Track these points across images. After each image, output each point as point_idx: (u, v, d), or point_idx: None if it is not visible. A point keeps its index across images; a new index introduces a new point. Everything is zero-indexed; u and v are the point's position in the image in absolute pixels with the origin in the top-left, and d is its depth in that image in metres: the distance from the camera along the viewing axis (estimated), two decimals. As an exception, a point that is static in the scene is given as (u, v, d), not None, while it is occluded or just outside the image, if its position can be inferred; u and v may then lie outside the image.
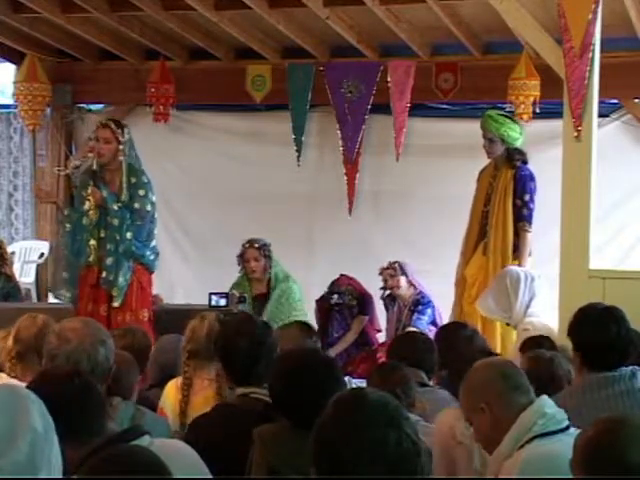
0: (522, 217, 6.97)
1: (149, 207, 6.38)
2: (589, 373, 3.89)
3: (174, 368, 4.73)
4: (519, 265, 6.79)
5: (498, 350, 6.34)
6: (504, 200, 6.98)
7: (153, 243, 6.54)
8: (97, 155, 6.37)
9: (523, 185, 7.00)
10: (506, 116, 7.27)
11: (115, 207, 6.31)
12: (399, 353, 4.75)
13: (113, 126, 6.36)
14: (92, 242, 6.31)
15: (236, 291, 7.23)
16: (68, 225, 6.51)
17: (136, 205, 6.32)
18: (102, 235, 6.33)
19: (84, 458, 2.58)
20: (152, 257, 6.51)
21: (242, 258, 7.44)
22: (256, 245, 7.36)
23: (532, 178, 7.05)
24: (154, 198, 6.48)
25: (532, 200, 7.00)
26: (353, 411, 2.16)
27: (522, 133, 7.17)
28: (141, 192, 6.36)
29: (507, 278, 6.17)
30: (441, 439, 3.81)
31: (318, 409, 2.25)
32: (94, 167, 6.37)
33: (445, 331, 5.27)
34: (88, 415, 2.73)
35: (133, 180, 6.36)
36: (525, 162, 7.12)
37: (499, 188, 7.04)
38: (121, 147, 6.31)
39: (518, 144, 7.14)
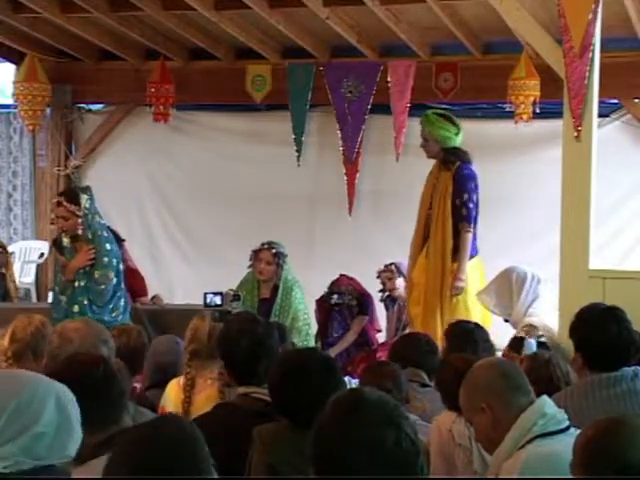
0: (461, 217, 6.80)
1: (112, 275, 6.24)
2: (591, 373, 3.89)
3: (171, 369, 4.73)
4: (459, 267, 6.73)
5: None
6: (444, 201, 6.86)
7: (111, 306, 6.29)
8: (61, 231, 6.32)
9: (462, 185, 6.83)
10: (443, 115, 7.12)
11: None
12: (401, 353, 4.75)
13: (66, 203, 6.19)
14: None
15: (232, 289, 7.20)
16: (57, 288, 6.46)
17: (97, 274, 6.20)
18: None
19: (98, 444, 2.62)
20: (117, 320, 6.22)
21: (255, 256, 7.35)
22: (273, 250, 7.26)
23: (471, 177, 6.87)
24: (114, 262, 6.31)
25: (471, 200, 6.81)
26: (352, 411, 2.16)
27: (459, 133, 6.98)
28: (105, 260, 6.25)
29: (513, 275, 6.14)
30: (441, 442, 3.81)
31: (317, 409, 2.25)
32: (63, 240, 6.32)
33: (458, 329, 5.23)
34: (108, 402, 2.76)
35: (98, 249, 6.24)
36: (464, 161, 6.93)
37: (439, 189, 6.97)
38: (79, 220, 6.19)
39: (454, 143, 6.95)
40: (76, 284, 6.19)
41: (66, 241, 6.28)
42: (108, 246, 6.28)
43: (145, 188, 9.99)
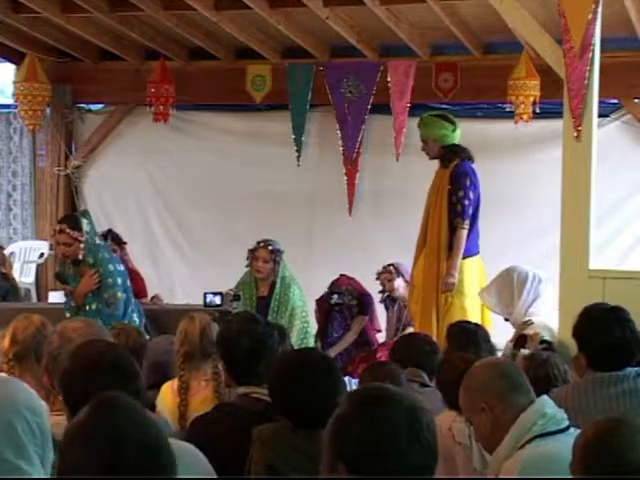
0: (456, 214, 6.83)
1: (120, 294, 6.31)
2: (593, 373, 3.89)
3: (168, 369, 4.72)
4: (451, 263, 6.74)
5: None
6: (441, 199, 6.90)
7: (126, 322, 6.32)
8: (63, 257, 6.41)
9: (458, 182, 6.86)
10: (438, 115, 7.18)
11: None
12: (401, 353, 4.75)
13: (69, 230, 6.24)
14: None
15: (232, 289, 7.19)
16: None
17: (105, 295, 6.28)
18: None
19: None
20: None
21: (252, 254, 7.37)
22: (270, 248, 7.27)
23: (467, 174, 6.89)
24: (120, 280, 6.36)
25: (467, 196, 6.83)
26: (384, 406, 2.15)
27: (455, 130, 7.01)
28: (110, 281, 6.31)
29: (515, 275, 6.14)
30: (441, 440, 3.81)
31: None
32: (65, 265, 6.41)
33: (459, 329, 5.23)
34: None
35: (102, 271, 6.31)
36: (464, 158, 6.94)
37: (437, 187, 6.99)
38: (82, 246, 6.24)
39: (453, 140, 6.99)
40: (87, 308, 6.28)
41: (69, 267, 6.35)
42: (111, 267, 6.34)
43: (145, 188, 9.99)
